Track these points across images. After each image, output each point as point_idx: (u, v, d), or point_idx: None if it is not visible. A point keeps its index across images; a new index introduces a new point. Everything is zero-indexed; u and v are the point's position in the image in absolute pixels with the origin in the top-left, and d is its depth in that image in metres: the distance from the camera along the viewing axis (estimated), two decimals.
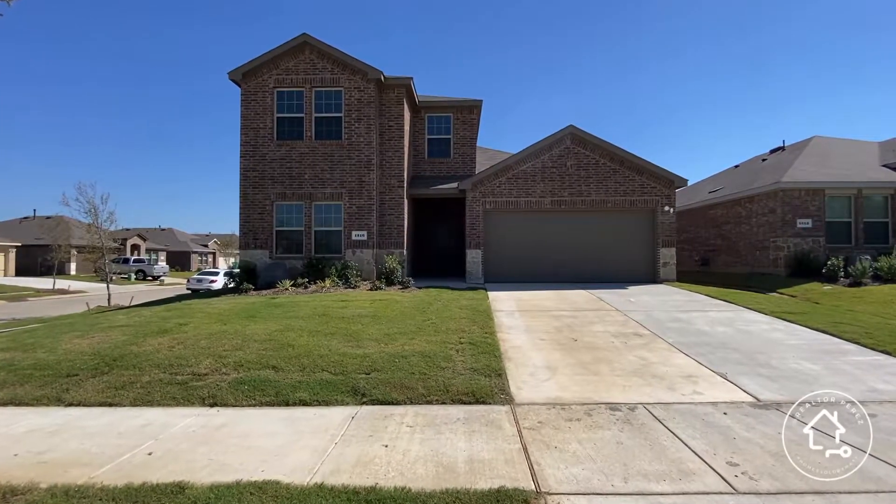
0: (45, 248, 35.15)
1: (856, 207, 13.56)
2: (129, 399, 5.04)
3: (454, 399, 4.88)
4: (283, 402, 4.90)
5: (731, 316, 8.61)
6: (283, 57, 13.05)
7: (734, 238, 15.94)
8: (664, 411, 4.52)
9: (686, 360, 6.11)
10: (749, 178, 17.09)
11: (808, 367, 5.73)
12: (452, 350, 6.33)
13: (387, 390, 5.04)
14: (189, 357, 6.07)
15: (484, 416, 4.48)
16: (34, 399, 5.13)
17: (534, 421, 4.32)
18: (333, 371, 5.59)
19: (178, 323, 7.88)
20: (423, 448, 3.76)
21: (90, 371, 5.76)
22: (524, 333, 7.45)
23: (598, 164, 13.62)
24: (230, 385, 5.27)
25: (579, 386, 5.25)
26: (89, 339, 7.12)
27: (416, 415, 4.52)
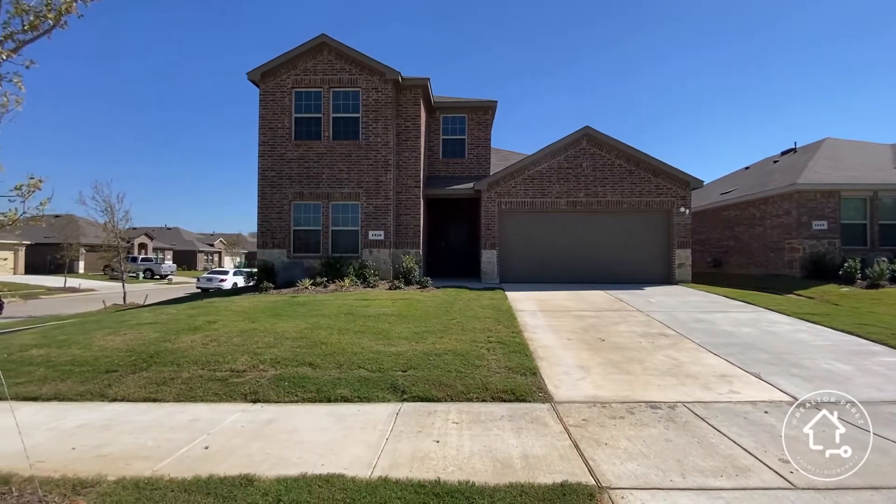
0: (53, 246, 35.35)
1: (871, 209, 13.58)
2: (172, 395, 5.11)
3: (494, 397, 4.94)
4: (324, 399, 4.96)
5: (753, 317, 8.65)
6: (302, 57, 13.14)
7: (747, 239, 15.96)
8: (705, 410, 4.57)
9: (717, 360, 6.16)
10: (761, 180, 17.11)
11: (840, 368, 5.77)
12: (483, 349, 6.39)
13: (426, 388, 5.10)
14: (225, 354, 6.14)
15: (527, 413, 4.53)
16: (77, 394, 5.20)
17: (578, 419, 4.38)
18: (370, 368, 5.66)
19: (207, 321, 7.95)
20: (474, 444, 3.82)
21: (129, 367, 5.83)
22: (550, 333, 7.50)
23: (613, 165, 13.66)
24: (270, 381, 5.34)
25: (615, 385, 5.30)
26: (121, 336, 7.20)
27: (459, 412, 4.58)
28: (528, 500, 2.89)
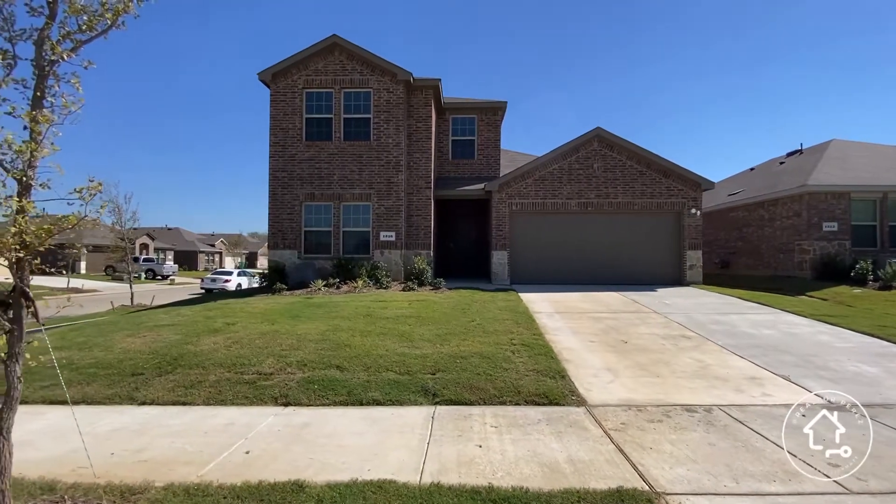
0: (54, 246, 35.17)
1: (881, 211, 13.61)
2: (202, 398, 5.07)
3: (527, 400, 4.92)
4: (356, 402, 4.93)
5: (771, 319, 8.65)
6: (313, 58, 13.10)
7: (756, 241, 15.97)
8: (741, 413, 4.55)
9: (743, 363, 6.14)
10: (768, 182, 17.13)
11: (867, 370, 5.77)
12: (508, 352, 6.36)
13: (458, 391, 5.07)
14: (250, 356, 6.11)
15: (563, 417, 4.51)
16: (105, 398, 5.16)
17: (616, 422, 4.36)
18: (398, 371, 5.63)
19: (226, 322, 7.91)
20: (518, 448, 3.80)
21: (154, 370, 5.79)
22: (572, 335, 7.48)
23: (624, 167, 13.66)
24: (299, 384, 5.31)
25: (645, 388, 5.29)
26: (141, 338, 7.15)
27: (495, 415, 4.55)
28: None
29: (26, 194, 2.49)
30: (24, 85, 2.50)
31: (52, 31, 2.51)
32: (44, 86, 2.47)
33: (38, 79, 2.48)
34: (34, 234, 2.52)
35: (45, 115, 2.44)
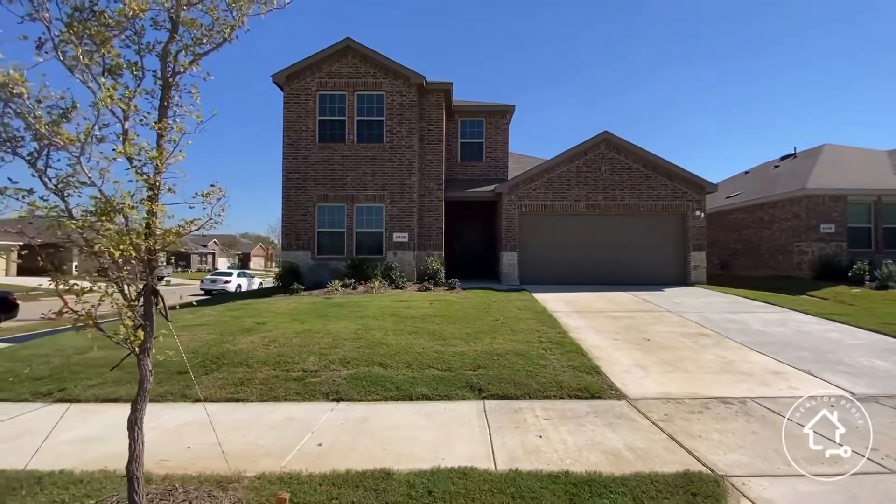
0: (47, 247, 34.70)
1: (875, 213, 14.16)
2: (255, 395, 5.22)
3: (570, 395, 5.15)
4: (406, 397, 5.12)
5: (781, 317, 9.01)
6: (326, 61, 13.23)
7: (755, 242, 16.46)
8: (773, 404, 4.83)
9: (763, 359, 6.45)
10: (766, 185, 17.65)
11: (882, 365, 6.11)
12: (540, 349, 6.59)
13: (502, 386, 5.29)
14: (291, 355, 6.25)
15: (609, 410, 4.75)
16: (158, 396, 5.28)
17: (660, 414, 4.61)
18: (440, 368, 5.82)
19: (256, 322, 8.02)
20: (576, 438, 4.03)
21: (199, 368, 5.91)
22: (594, 334, 7.74)
23: (630, 169, 14.01)
24: (346, 381, 5.47)
25: (677, 383, 5.55)
26: (173, 339, 7.22)
27: (543, 409, 4.78)
28: (661, 487, 3.10)
29: (156, 198, 2.65)
30: (152, 95, 2.66)
31: (173, 45, 2.68)
32: (168, 96, 2.63)
33: (163, 90, 2.64)
34: (165, 235, 2.68)
35: (179, 125, 2.60)
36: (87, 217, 2.54)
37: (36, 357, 6.70)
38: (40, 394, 5.39)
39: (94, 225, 2.53)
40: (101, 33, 2.35)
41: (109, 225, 2.49)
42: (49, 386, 5.56)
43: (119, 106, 2.43)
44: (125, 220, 2.60)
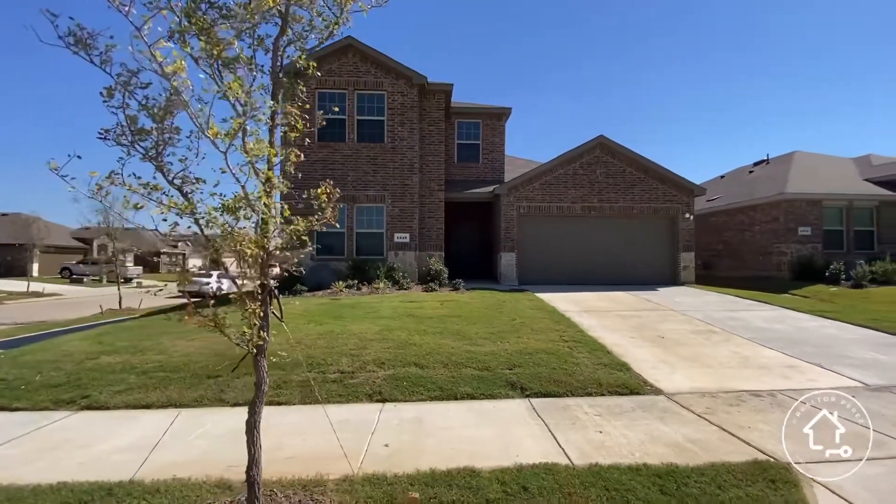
0: (6, 247, 32.77)
1: (848, 217, 15.12)
2: (297, 398, 5.12)
3: (610, 391, 5.30)
4: (450, 397, 5.14)
5: (776, 314, 9.51)
6: (326, 59, 13.04)
7: (736, 244, 17.25)
8: (799, 395, 5.11)
9: (775, 354, 6.81)
10: (744, 189, 18.54)
11: (883, 358, 6.55)
12: (566, 348, 6.73)
13: (544, 384, 5.39)
14: (322, 356, 6.15)
15: (652, 405, 4.92)
16: (193, 401, 5.10)
17: (702, 407, 4.81)
18: (476, 367, 5.87)
19: None
20: (635, 433, 4.16)
21: (230, 373, 5.73)
22: (610, 332, 7.95)
23: (624, 173, 14.44)
24: (386, 382, 5.45)
25: (705, 377, 5.80)
26: (190, 342, 6.99)
27: (590, 406, 4.90)
28: (738, 475, 3.25)
29: (271, 195, 2.59)
30: (266, 90, 2.60)
31: (282, 39, 2.64)
32: (279, 92, 2.59)
33: (273, 85, 2.59)
34: (292, 233, 2.64)
35: (297, 121, 2.57)
36: (221, 214, 2.47)
37: (43, 363, 6.33)
38: (62, 401, 5.12)
39: (215, 221, 2.46)
40: (231, 26, 2.30)
41: (247, 222, 2.44)
42: (70, 393, 5.28)
43: (243, 99, 2.38)
44: (259, 218, 2.54)
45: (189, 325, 6.16)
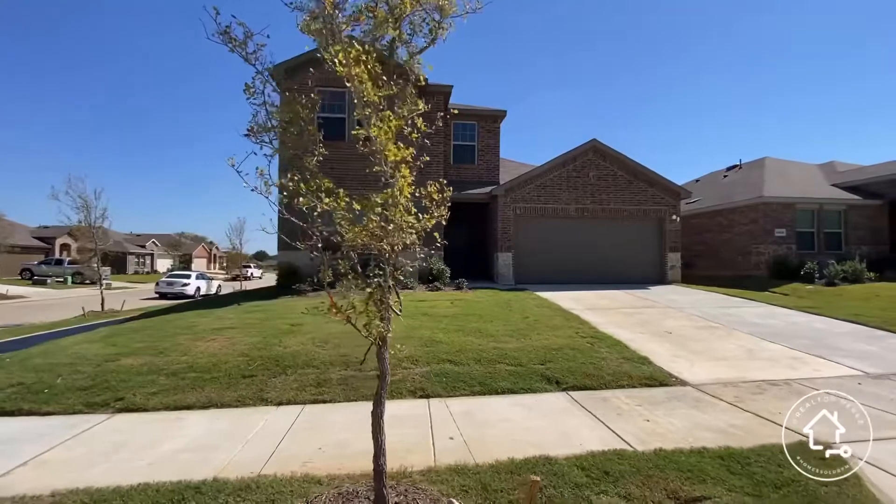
0: None
1: (818, 220, 16.16)
2: (342, 396, 5.15)
3: (641, 383, 5.57)
4: (492, 392, 5.29)
5: (765, 311, 10.11)
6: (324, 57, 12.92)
7: (716, 244, 18.11)
8: (812, 384, 5.54)
9: (777, 346, 7.28)
10: (720, 192, 19.48)
11: (873, 349, 7.12)
12: (586, 344, 6.99)
13: (577, 378, 5.61)
14: (354, 354, 6.16)
15: (684, 395, 5.22)
16: (235, 401, 5.05)
17: (730, 396, 5.13)
18: (508, 363, 6.04)
19: (290, 323, 7.76)
20: (679, 420, 4.42)
21: (264, 372, 5.70)
22: (620, 329, 8.27)
23: (616, 176, 14.96)
24: (425, 378, 5.54)
25: (722, 369, 6.17)
26: (210, 342, 6.85)
27: (627, 397, 5.15)
28: (793, 455, 3.53)
29: (405, 195, 2.69)
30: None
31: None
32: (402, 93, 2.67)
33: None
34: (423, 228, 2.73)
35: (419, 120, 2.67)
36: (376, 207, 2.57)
37: (56, 366, 6.08)
38: (95, 404, 4.96)
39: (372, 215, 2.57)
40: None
41: (397, 216, 2.53)
42: (101, 396, 5.11)
43: (375, 98, 2.48)
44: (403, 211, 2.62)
45: (198, 326, 6.03)
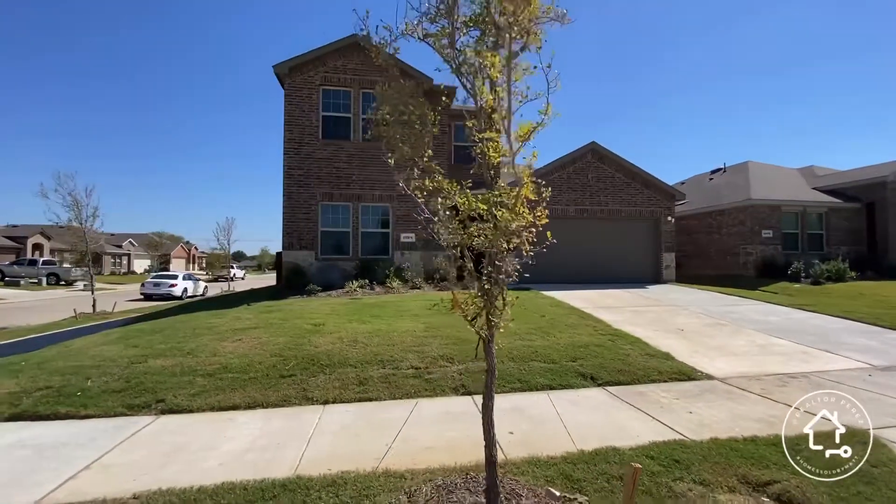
0: None
1: (802, 221, 16.91)
2: (386, 394, 5.19)
3: (670, 378, 5.79)
4: (532, 388, 5.42)
5: (764, 308, 10.56)
6: (331, 56, 12.88)
7: (705, 245, 18.73)
8: (827, 376, 5.87)
9: (785, 342, 7.64)
10: (707, 195, 20.15)
11: (873, 344, 7.54)
12: (608, 341, 7.20)
13: (610, 374, 5.79)
14: (386, 353, 6.21)
15: (713, 388, 5.46)
16: (281, 400, 5.03)
17: (758, 389, 5.40)
18: (541, 360, 6.18)
19: (313, 323, 7.72)
20: (719, 411, 4.64)
21: (302, 371, 5.68)
22: (634, 326, 8.52)
23: (613, 178, 15.33)
24: (463, 375, 5.63)
25: (741, 364, 6.45)
26: (236, 343, 6.76)
27: (663, 391, 5.35)
28: (837, 440, 3.77)
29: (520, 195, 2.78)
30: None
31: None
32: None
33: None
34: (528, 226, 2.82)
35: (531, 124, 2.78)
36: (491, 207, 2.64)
37: (81, 369, 5.91)
38: (136, 406, 4.87)
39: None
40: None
41: (518, 214, 2.63)
42: (139, 398, 5.02)
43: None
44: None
45: (221, 327, 5.99)
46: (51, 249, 41.40)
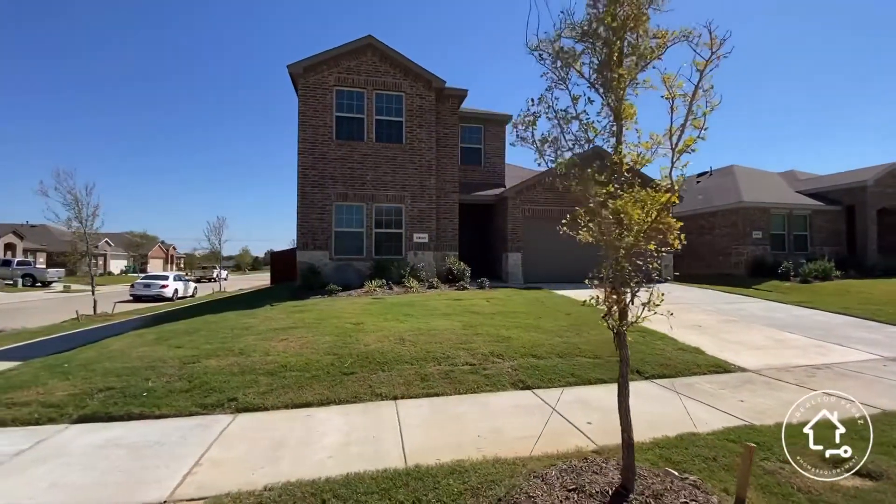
0: None
1: (788, 223, 17.84)
2: (450, 390, 5.38)
3: (708, 370, 6.17)
4: (585, 382, 5.71)
5: (767, 305, 11.18)
6: (345, 56, 12.93)
7: (697, 245, 19.52)
8: (847, 367, 6.35)
9: (797, 336, 8.17)
10: (696, 197, 20.99)
11: (877, 337, 8.13)
12: (640, 337, 7.52)
13: (653, 368, 6.14)
14: (437, 351, 6.39)
15: (751, 379, 5.85)
16: (352, 396, 5.16)
17: (791, 379, 5.82)
18: (586, 356, 6.48)
19: (352, 322, 7.82)
20: (765, 399, 5.02)
21: (362, 369, 5.81)
22: (655, 323, 8.77)
23: None
24: (517, 371, 5.88)
25: (767, 357, 6.89)
26: (283, 342, 6.81)
27: (707, 383, 5.72)
28: (883, 425, 4.17)
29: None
30: None
31: None
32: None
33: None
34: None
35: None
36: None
37: (134, 370, 5.88)
38: (209, 405, 4.92)
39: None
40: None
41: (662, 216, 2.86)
42: (209, 398, 5.06)
43: None
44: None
45: (260, 327, 6.01)
46: (24, 249, 39.64)
